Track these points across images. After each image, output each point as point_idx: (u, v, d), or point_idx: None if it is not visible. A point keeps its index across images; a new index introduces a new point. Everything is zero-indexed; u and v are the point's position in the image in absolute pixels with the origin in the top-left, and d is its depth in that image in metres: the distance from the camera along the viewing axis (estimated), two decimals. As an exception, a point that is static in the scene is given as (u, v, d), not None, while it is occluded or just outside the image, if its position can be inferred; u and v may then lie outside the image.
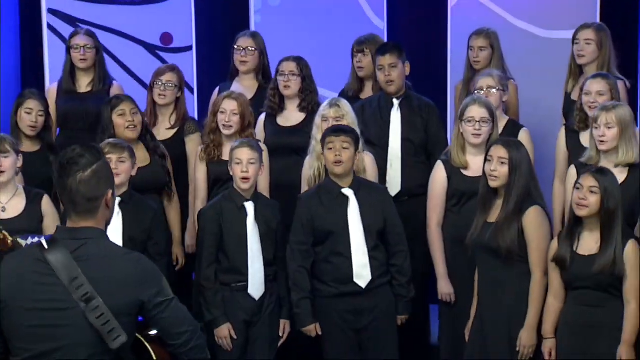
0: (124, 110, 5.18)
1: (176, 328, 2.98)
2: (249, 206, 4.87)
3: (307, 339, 5.24)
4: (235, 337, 4.84)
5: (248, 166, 4.83)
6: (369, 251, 4.76)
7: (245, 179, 4.83)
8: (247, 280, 4.83)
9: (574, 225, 4.39)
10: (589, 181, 4.34)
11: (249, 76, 5.84)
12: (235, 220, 4.85)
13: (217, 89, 5.85)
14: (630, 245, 4.32)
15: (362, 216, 4.76)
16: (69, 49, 5.80)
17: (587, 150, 4.87)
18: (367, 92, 5.81)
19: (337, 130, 4.84)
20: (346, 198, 4.80)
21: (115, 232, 4.74)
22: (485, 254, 4.57)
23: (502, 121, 5.25)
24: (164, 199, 5.33)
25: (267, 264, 4.86)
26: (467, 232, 4.68)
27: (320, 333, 4.81)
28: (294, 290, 4.80)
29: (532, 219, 4.51)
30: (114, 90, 5.78)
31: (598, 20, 5.98)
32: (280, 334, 4.92)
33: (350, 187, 4.80)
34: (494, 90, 5.20)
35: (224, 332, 4.83)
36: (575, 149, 5.06)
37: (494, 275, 4.57)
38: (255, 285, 4.84)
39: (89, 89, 5.79)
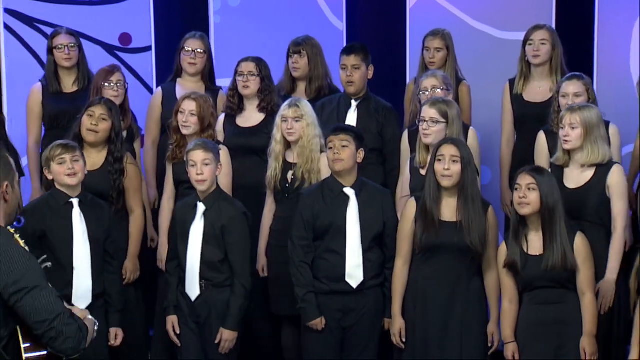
0: (94, 113, 5.16)
1: (34, 317, 3.00)
2: (200, 207, 4.88)
3: (272, 336, 5.27)
4: (177, 331, 4.86)
5: (202, 168, 4.83)
6: (364, 252, 4.80)
7: (199, 181, 4.83)
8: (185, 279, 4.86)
9: (519, 227, 4.45)
10: (526, 180, 4.42)
11: (195, 78, 5.84)
12: (186, 219, 4.88)
13: (159, 89, 5.84)
14: (579, 238, 4.41)
15: (360, 217, 4.80)
16: (51, 50, 5.77)
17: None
18: (300, 93, 5.81)
19: (336, 129, 4.90)
20: (347, 197, 4.83)
21: (80, 234, 4.75)
22: (445, 253, 4.61)
23: None
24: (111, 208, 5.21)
25: (208, 266, 4.81)
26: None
27: (324, 326, 4.81)
28: (297, 285, 4.82)
29: (493, 217, 4.63)
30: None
31: (554, 21, 6.06)
32: (216, 341, 4.81)
33: (353, 186, 4.84)
34: (438, 90, 5.25)
35: (169, 323, 4.88)
36: (555, 151, 5.06)
37: (451, 274, 4.62)
38: (190, 285, 4.84)
39: (75, 88, 5.78)
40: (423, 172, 4.97)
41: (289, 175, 5.15)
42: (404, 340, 4.70)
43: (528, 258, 4.43)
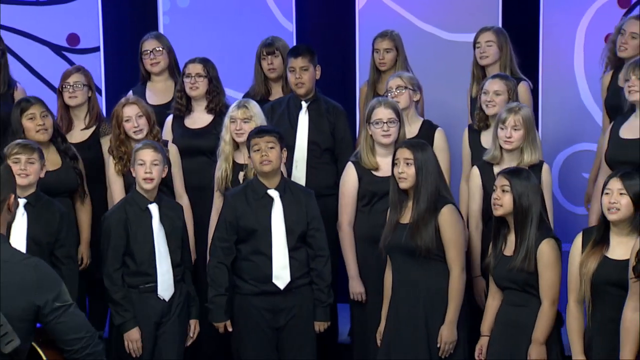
0: (34, 114, 5.13)
1: (72, 334, 3.00)
2: (153, 208, 4.87)
3: (219, 338, 5.27)
4: (140, 343, 4.83)
5: (152, 167, 4.83)
6: (290, 252, 4.81)
7: (148, 179, 4.83)
8: (155, 282, 4.83)
9: (499, 227, 4.49)
10: (501, 181, 4.45)
11: (163, 77, 5.84)
12: (140, 222, 4.85)
13: (130, 93, 5.82)
14: (544, 244, 4.38)
15: (285, 218, 4.81)
16: None
17: (488, 149, 4.99)
18: (276, 94, 5.83)
19: (260, 131, 4.88)
20: (271, 199, 4.84)
21: (18, 233, 4.71)
22: (401, 254, 4.64)
23: (418, 122, 5.34)
24: (76, 202, 5.29)
25: (174, 264, 4.88)
26: (377, 232, 4.76)
27: (230, 330, 4.83)
28: (211, 286, 4.83)
29: (447, 217, 4.59)
30: (18, 94, 5.69)
31: (500, 23, 6.13)
32: (191, 334, 4.93)
33: (277, 188, 4.85)
34: (403, 90, 5.29)
35: (134, 336, 4.83)
36: (475, 148, 5.18)
37: (410, 275, 4.64)
38: (165, 287, 4.85)
39: None
40: (376, 173, 5.01)
41: (240, 176, 5.15)
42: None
43: (502, 258, 4.46)
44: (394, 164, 4.67)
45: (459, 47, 6.08)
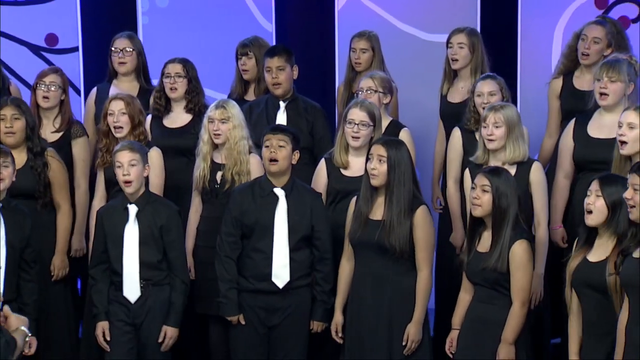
0: (5, 116, 5.10)
1: None
2: (132, 208, 4.87)
3: (197, 338, 5.27)
4: (108, 337, 4.84)
5: (129, 169, 4.83)
6: (291, 252, 4.82)
7: (127, 182, 4.83)
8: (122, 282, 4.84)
9: (475, 224, 4.51)
10: (481, 180, 4.46)
11: (129, 78, 5.83)
12: (116, 221, 4.86)
13: (95, 89, 5.81)
14: (518, 245, 4.40)
15: (289, 217, 4.82)
16: None
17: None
18: (251, 94, 5.85)
19: (275, 128, 4.91)
20: (276, 197, 4.85)
21: None
22: (371, 250, 4.65)
23: (385, 122, 5.34)
24: (37, 205, 5.18)
25: (148, 267, 4.83)
26: (339, 230, 4.79)
27: (243, 323, 4.83)
28: (221, 281, 4.84)
29: (422, 218, 4.62)
30: (13, 89, 5.69)
31: (479, 23, 6.16)
32: (160, 340, 4.86)
33: (284, 187, 4.86)
34: (373, 93, 5.30)
35: (98, 329, 4.86)
36: (472, 149, 5.16)
37: (377, 272, 4.66)
38: (129, 287, 4.83)
39: None
40: (344, 172, 5.02)
41: (218, 176, 5.15)
42: (340, 335, 4.73)
43: (475, 254, 4.49)
44: (368, 160, 4.68)
45: (437, 48, 6.10)
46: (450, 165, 5.32)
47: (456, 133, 5.29)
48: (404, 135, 5.27)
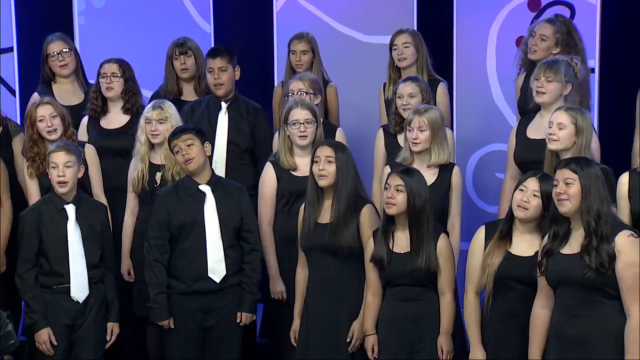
0: None
1: None
2: (70, 209, 4.84)
3: (136, 340, 5.25)
4: (55, 342, 4.80)
5: (64, 170, 4.80)
6: (225, 247, 4.83)
7: (61, 183, 4.80)
8: (68, 283, 4.81)
9: (387, 224, 4.55)
10: (395, 180, 4.51)
11: (69, 79, 5.79)
12: (55, 223, 4.82)
13: (35, 94, 5.75)
14: (442, 240, 4.51)
15: (218, 212, 4.84)
16: None
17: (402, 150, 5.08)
18: (187, 95, 5.81)
19: (176, 132, 4.90)
20: (203, 194, 4.85)
21: None
22: (322, 253, 4.68)
23: None
24: None
25: (91, 266, 4.84)
26: (296, 232, 4.79)
27: (172, 327, 4.83)
28: (151, 285, 4.84)
29: (368, 217, 4.67)
30: None
31: (415, 25, 6.23)
32: (108, 338, 4.90)
33: (208, 183, 4.87)
34: (304, 94, 5.32)
35: (43, 337, 4.79)
36: (393, 151, 5.24)
37: (330, 274, 4.69)
38: (78, 288, 4.82)
39: None
40: (294, 173, 5.04)
41: (158, 177, 5.15)
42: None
43: (393, 255, 4.53)
44: (313, 162, 4.71)
45: (375, 49, 6.16)
46: (375, 165, 5.39)
47: (380, 134, 5.36)
48: (339, 135, 5.31)
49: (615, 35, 6.15)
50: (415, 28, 6.13)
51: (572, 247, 4.01)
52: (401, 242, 4.53)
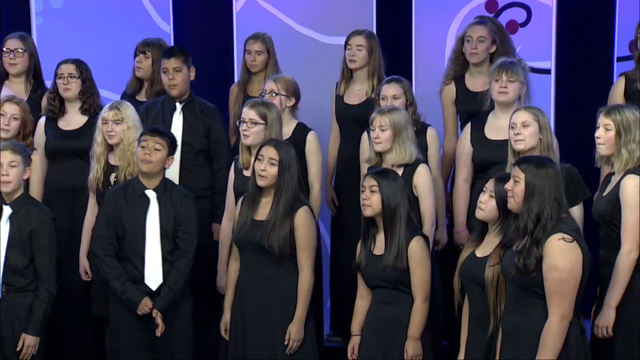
0: None
1: None
2: (6, 210, 4.79)
3: (94, 340, 5.22)
4: None
5: (8, 169, 4.77)
6: (164, 254, 4.82)
7: (4, 182, 4.76)
8: None
9: (368, 227, 4.58)
10: (369, 182, 4.55)
11: (20, 79, 5.77)
12: None
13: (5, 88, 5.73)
14: (414, 241, 4.50)
15: (160, 220, 4.83)
16: None
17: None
18: (143, 95, 5.83)
19: (154, 130, 4.91)
20: (148, 199, 4.85)
21: None
22: (254, 251, 4.69)
23: (292, 124, 5.39)
24: None
25: (12, 271, 4.73)
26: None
27: (150, 307, 4.78)
28: (111, 279, 4.81)
29: (302, 219, 4.68)
30: None
31: (374, 26, 6.26)
32: (18, 348, 4.74)
33: (155, 189, 4.86)
34: (275, 95, 5.34)
35: None
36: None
37: (261, 273, 4.70)
38: None
39: None
40: (246, 173, 5.04)
41: (112, 177, 5.14)
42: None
43: (372, 257, 4.55)
44: (257, 159, 4.72)
45: (335, 50, 6.17)
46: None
47: (364, 137, 5.32)
48: (311, 138, 5.31)
49: (570, 36, 6.23)
50: (374, 29, 6.16)
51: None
52: (380, 244, 4.56)
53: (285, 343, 4.68)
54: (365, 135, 5.32)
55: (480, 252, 4.28)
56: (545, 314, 3.88)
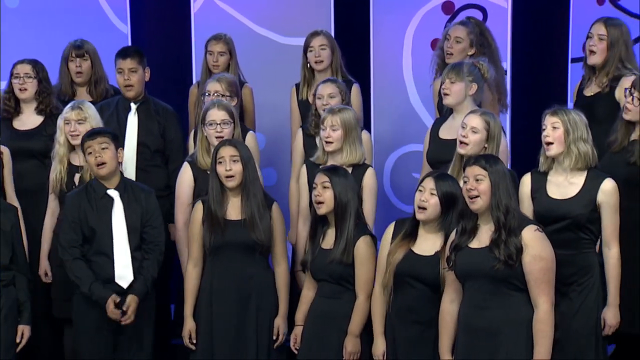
0: None
1: None
2: None
3: (53, 341, 5.18)
4: None
5: None
6: (132, 252, 4.81)
7: None
8: None
9: (316, 223, 4.62)
10: (321, 178, 4.59)
11: None
12: None
13: None
14: (361, 241, 4.55)
15: (126, 217, 4.82)
16: None
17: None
18: (81, 96, 5.72)
19: (92, 133, 4.87)
20: (111, 199, 4.83)
21: None
22: (232, 250, 4.71)
23: None
24: None
25: (0, 267, 4.74)
26: None
27: (117, 301, 4.76)
28: (81, 282, 4.77)
29: (278, 213, 4.77)
30: None
31: (332, 27, 6.29)
32: (18, 340, 4.80)
33: (116, 188, 4.85)
34: (220, 96, 5.32)
35: None
36: (312, 151, 5.25)
37: (244, 271, 4.72)
38: None
39: None
40: None
41: (76, 178, 5.11)
42: (194, 342, 4.75)
43: (320, 251, 4.60)
44: (217, 162, 4.72)
45: (293, 51, 6.19)
46: (293, 165, 5.42)
47: (299, 134, 5.41)
48: (249, 138, 5.30)
49: (525, 37, 6.31)
50: (332, 30, 6.20)
51: (480, 241, 4.11)
52: (329, 238, 4.61)
53: (275, 337, 4.74)
54: (299, 132, 5.38)
55: (419, 249, 4.36)
56: (524, 304, 4.01)
